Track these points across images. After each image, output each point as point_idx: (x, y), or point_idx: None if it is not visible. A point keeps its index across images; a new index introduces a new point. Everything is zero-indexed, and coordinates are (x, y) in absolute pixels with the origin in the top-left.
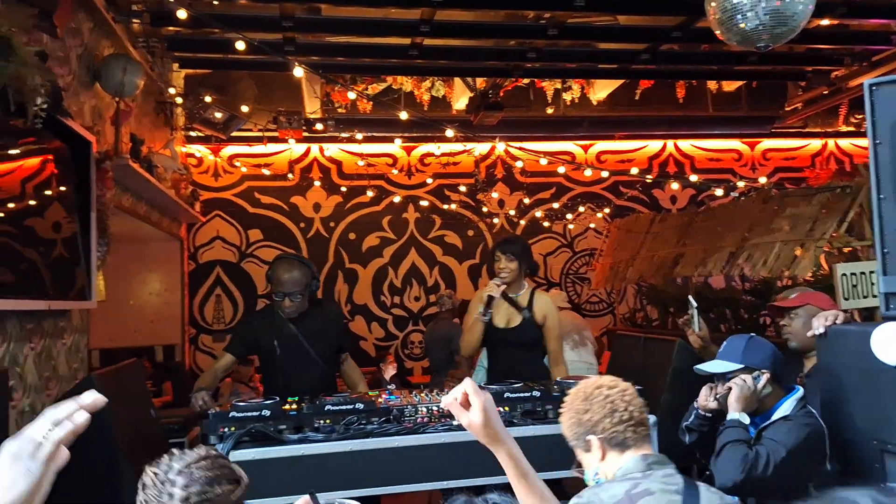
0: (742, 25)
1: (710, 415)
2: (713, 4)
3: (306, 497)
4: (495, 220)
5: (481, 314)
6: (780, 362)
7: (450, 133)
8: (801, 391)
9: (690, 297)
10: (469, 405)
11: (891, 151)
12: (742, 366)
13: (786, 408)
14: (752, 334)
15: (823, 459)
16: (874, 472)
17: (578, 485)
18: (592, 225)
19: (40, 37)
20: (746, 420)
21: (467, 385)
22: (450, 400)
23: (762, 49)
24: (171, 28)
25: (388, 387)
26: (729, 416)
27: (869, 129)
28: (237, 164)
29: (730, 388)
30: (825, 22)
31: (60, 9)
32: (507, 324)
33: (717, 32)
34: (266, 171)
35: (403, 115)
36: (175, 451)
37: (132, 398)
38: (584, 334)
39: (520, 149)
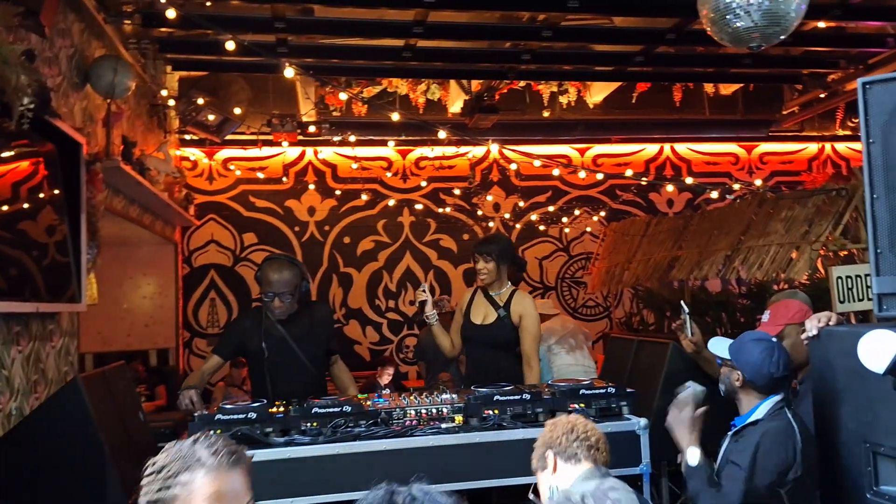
0: (734, 25)
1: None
2: (706, 4)
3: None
4: (490, 224)
5: (425, 317)
6: (766, 375)
7: (443, 134)
8: (778, 396)
9: (682, 303)
10: None
11: (884, 151)
12: (727, 357)
13: (760, 411)
14: (767, 339)
15: (791, 459)
16: (865, 475)
17: None
18: (588, 228)
19: (28, 37)
20: (696, 458)
21: None
22: None
23: (754, 49)
24: (163, 30)
25: (382, 391)
26: (685, 462)
27: (862, 127)
28: (231, 167)
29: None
30: (821, 24)
31: (47, 8)
32: (482, 320)
33: (710, 31)
34: (260, 175)
35: (395, 117)
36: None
37: (119, 401)
38: (579, 337)
39: (514, 151)
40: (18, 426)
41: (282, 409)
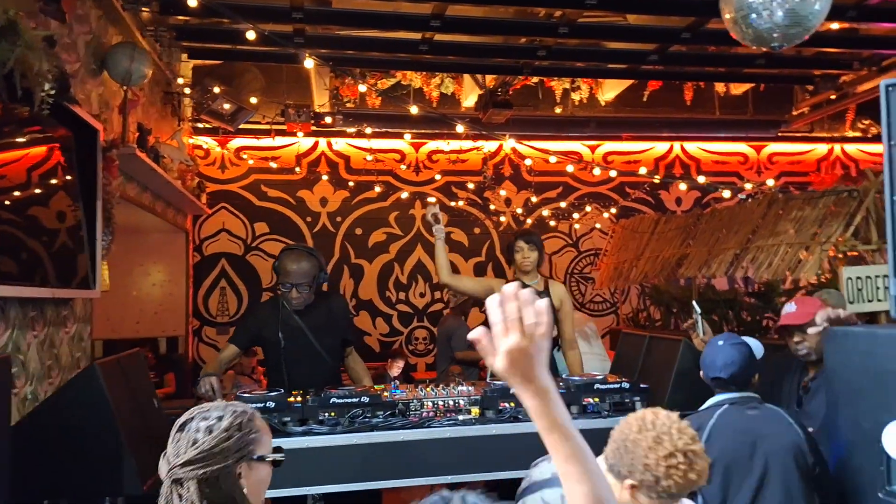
0: (757, 25)
1: None
2: (728, 3)
3: None
4: (502, 219)
5: (434, 230)
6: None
7: (461, 129)
8: (723, 395)
9: (694, 303)
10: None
11: None
12: None
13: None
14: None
15: None
16: (878, 474)
17: None
18: (598, 225)
19: (47, 22)
20: None
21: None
22: (476, 336)
23: (775, 49)
24: (179, 17)
25: (393, 382)
26: None
27: (884, 129)
28: (244, 156)
29: None
30: (835, 25)
31: None
32: None
33: (731, 31)
34: (273, 165)
35: (414, 110)
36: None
37: (135, 388)
38: (591, 326)
39: (532, 147)
40: (35, 411)
41: (300, 398)
